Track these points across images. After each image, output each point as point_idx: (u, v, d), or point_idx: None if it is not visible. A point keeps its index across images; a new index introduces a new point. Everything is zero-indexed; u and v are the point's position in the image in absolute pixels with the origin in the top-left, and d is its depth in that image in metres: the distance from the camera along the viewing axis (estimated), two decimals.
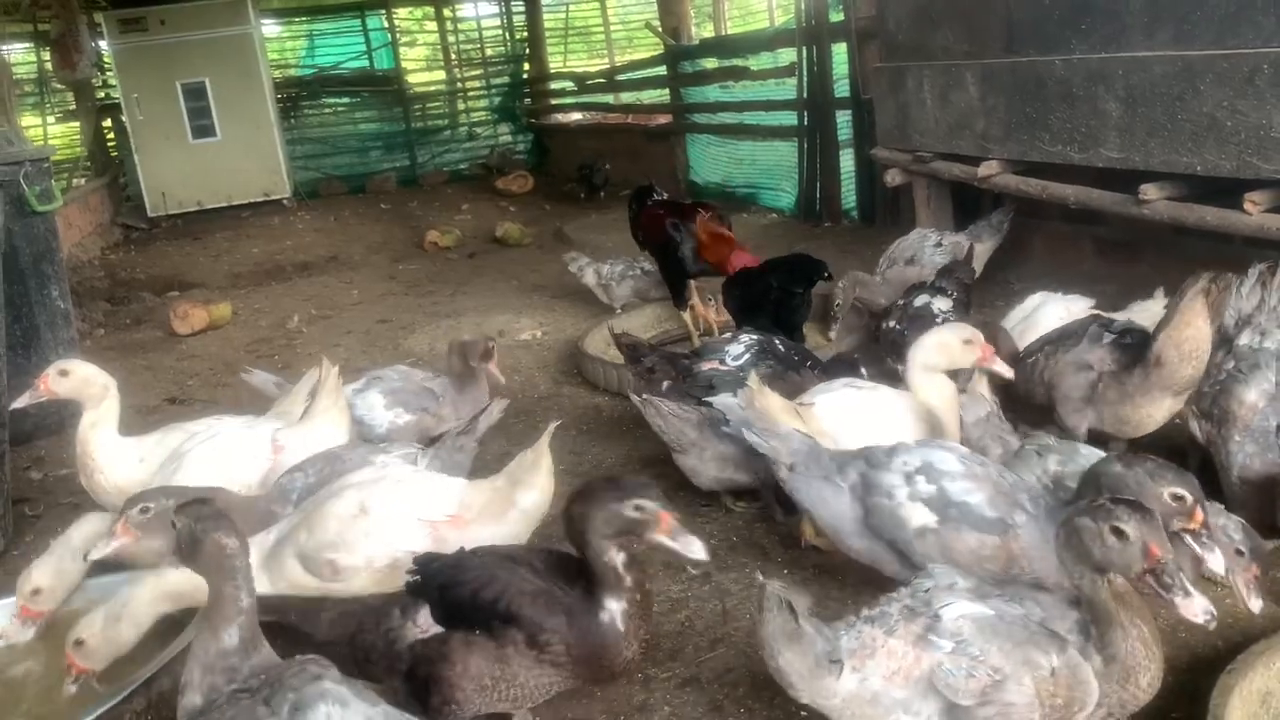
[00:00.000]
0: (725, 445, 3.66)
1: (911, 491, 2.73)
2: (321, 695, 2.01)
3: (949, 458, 2.77)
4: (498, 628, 2.37)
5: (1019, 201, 5.69)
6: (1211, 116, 4.06)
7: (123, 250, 12.13)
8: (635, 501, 2.32)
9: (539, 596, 2.38)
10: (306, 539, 2.84)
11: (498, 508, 2.92)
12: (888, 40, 6.76)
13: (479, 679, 2.38)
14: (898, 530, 2.74)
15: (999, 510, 2.65)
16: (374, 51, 17.42)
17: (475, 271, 9.02)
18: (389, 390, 4.27)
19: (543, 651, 2.36)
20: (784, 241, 8.31)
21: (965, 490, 2.68)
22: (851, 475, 2.86)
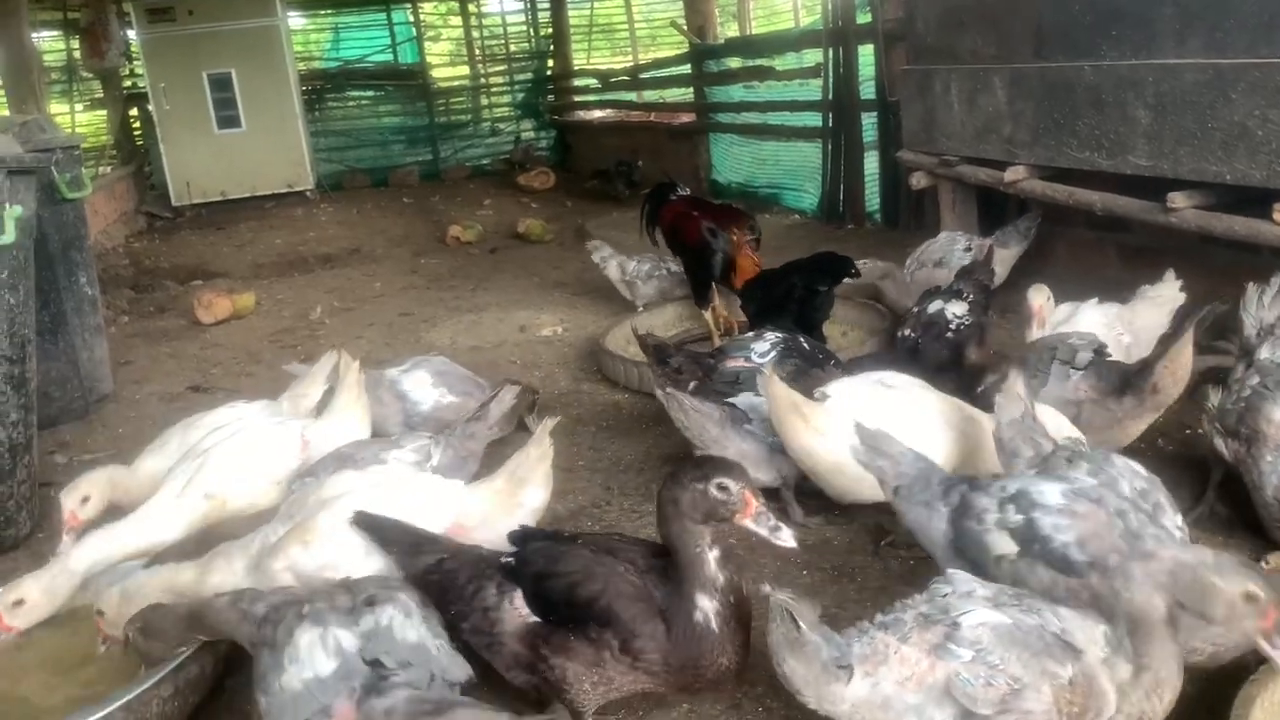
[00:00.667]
0: (747, 444, 3.66)
1: (1000, 519, 2.60)
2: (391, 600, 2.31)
3: (1051, 487, 2.59)
4: (594, 630, 2.32)
5: (1044, 207, 5.67)
6: (1243, 125, 4.04)
7: (147, 239, 12.22)
8: (718, 480, 2.26)
9: (637, 600, 2.31)
10: (301, 555, 2.77)
11: (502, 509, 2.92)
12: (915, 42, 6.74)
13: (579, 682, 2.36)
14: (979, 554, 2.62)
15: (1089, 553, 2.44)
16: (399, 45, 17.51)
17: (497, 267, 9.05)
18: (436, 371, 4.35)
19: (637, 659, 2.31)
20: (806, 243, 8.29)
21: (1055, 526, 2.51)
22: (954, 498, 2.73)
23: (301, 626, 2.22)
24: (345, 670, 2.13)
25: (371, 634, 2.22)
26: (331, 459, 3.35)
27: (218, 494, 3.24)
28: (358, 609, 2.27)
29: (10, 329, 4.00)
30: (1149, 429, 4.10)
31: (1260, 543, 3.26)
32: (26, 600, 2.91)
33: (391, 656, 2.18)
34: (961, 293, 4.39)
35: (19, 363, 4.06)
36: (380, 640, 2.21)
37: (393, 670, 2.16)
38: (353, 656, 2.17)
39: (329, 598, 2.31)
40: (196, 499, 3.22)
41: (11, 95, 11.94)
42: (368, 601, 2.29)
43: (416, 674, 2.17)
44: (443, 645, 2.32)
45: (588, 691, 2.38)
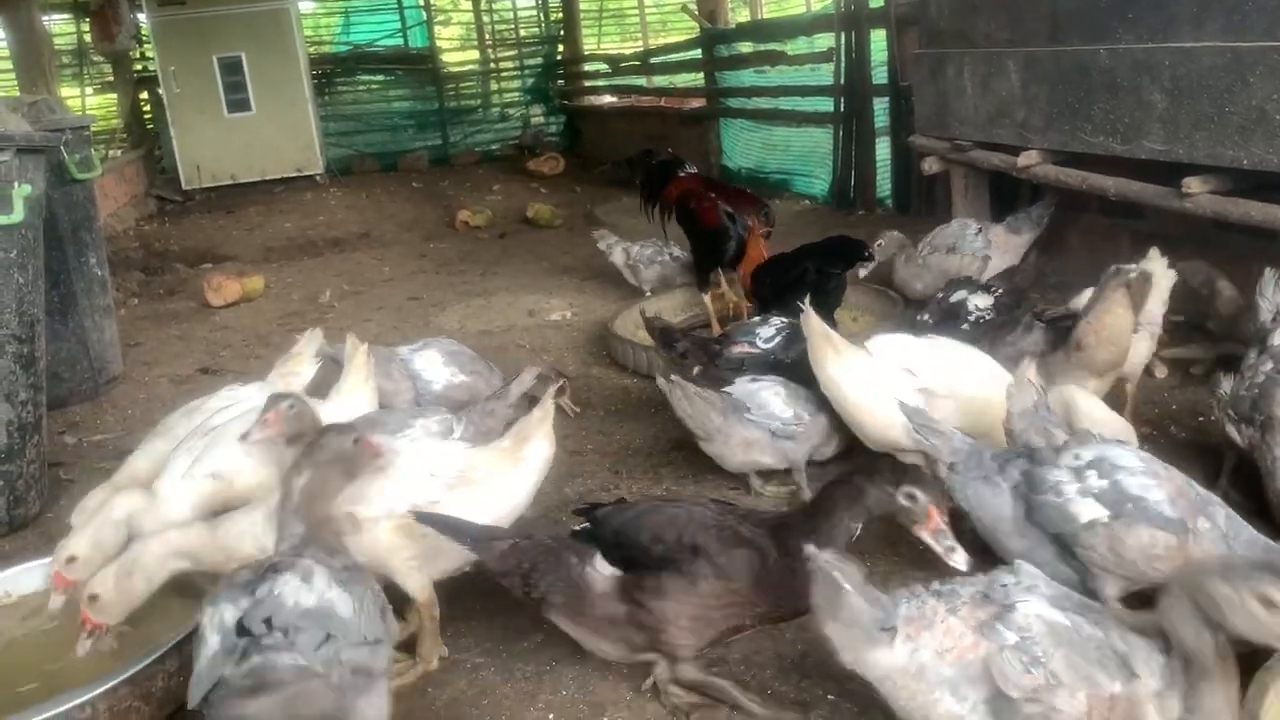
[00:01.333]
0: (750, 430, 3.66)
1: (1082, 487, 2.61)
2: (292, 566, 2.19)
3: (1126, 454, 2.65)
4: (686, 564, 2.39)
5: (1056, 193, 5.62)
6: (1261, 109, 3.99)
7: (157, 222, 12.23)
8: (908, 489, 2.32)
9: (720, 529, 2.41)
10: None
11: (508, 463, 2.98)
12: (928, 26, 6.68)
13: (677, 620, 2.40)
14: (1064, 524, 2.61)
15: (1179, 511, 2.51)
16: (409, 30, 17.45)
17: (506, 252, 9.04)
18: (446, 350, 4.36)
19: (730, 580, 2.37)
20: (817, 228, 8.24)
21: (1143, 486, 2.56)
22: (1013, 474, 2.74)
23: (202, 611, 2.19)
24: (228, 644, 2.05)
25: (256, 604, 2.11)
26: (364, 422, 3.36)
27: (224, 474, 3.23)
28: (255, 581, 2.17)
29: (19, 308, 4.00)
30: (1158, 414, 4.09)
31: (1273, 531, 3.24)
32: (78, 556, 2.93)
33: (274, 623, 2.06)
34: (991, 287, 4.37)
35: (28, 342, 4.06)
36: (261, 608, 2.10)
37: (264, 636, 2.04)
38: (229, 630, 2.10)
39: (234, 575, 2.24)
40: (202, 479, 3.21)
41: (22, 78, 11.95)
42: (270, 568, 2.19)
43: (306, 638, 2.05)
44: (361, 604, 2.20)
45: (686, 630, 2.42)
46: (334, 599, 2.15)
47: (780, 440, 3.66)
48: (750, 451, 3.71)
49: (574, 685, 2.79)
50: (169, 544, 2.81)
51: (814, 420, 3.68)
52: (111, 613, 2.76)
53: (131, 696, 2.45)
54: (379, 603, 2.30)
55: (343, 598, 2.17)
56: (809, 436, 3.69)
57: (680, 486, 3.96)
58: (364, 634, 2.14)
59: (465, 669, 2.91)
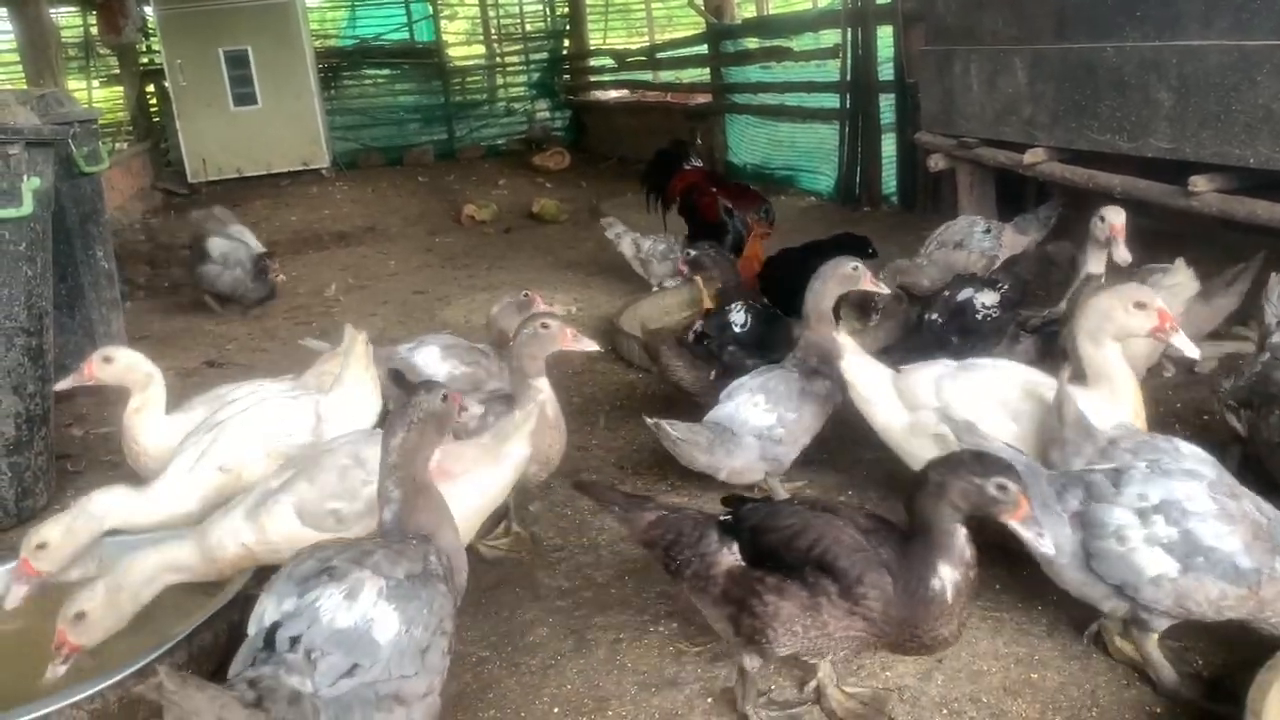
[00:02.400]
0: (737, 459, 3.63)
1: (1149, 535, 2.42)
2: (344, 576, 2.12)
3: (1196, 490, 2.44)
4: (810, 575, 2.36)
5: (1062, 191, 5.62)
6: (1267, 108, 3.99)
7: (163, 215, 12.25)
8: (998, 480, 2.25)
9: (857, 550, 2.35)
10: (308, 490, 2.85)
11: (488, 459, 3.00)
12: (935, 23, 6.67)
13: (789, 623, 2.39)
14: (1128, 576, 2.44)
15: (1255, 559, 2.35)
16: (415, 24, 17.44)
17: (511, 246, 9.04)
18: (444, 345, 4.39)
19: (856, 604, 2.32)
20: (822, 225, 8.25)
21: (1218, 535, 2.37)
22: (1071, 503, 2.57)
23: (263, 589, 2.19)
24: (255, 646, 2.02)
25: (293, 614, 2.05)
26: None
27: (232, 466, 3.24)
28: (310, 579, 2.12)
29: (28, 301, 4.01)
30: (1163, 412, 4.09)
31: None
32: (49, 543, 2.91)
33: (302, 642, 1.99)
34: (996, 283, 4.35)
35: (36, 335, 4.07)
36: (296, 621, 2.04)
37: (286, 651, 1.99)
38: (260, 633, 2.06)
39: (299, 561, 2.20)
40: (210, 471, 3.23)
41: (29, 71, 11.96)
42: (327, 570, 2.13)
43: (329, 664, 1.98)
44: (410, 625, 2.12)
45: (796, 634, 2.40)
46: (376, 619, 2.08)
47: (771, 447, 3.63)
48: (746, 475, 3.69)
49: (579, 679, 2.81)
50: (161, 559, 2.80)
51: (798, 416, 3.63)
52: (94, 633, 2.67)
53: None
54: (442, 612, 2.22)
55: (388, 618, 2.09)
56: (795, 435, 3.65)
57: (684, 484, 3.96)
58: (400, 665, 2.07)
59: (470, 662, 2.93)
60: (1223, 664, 2.68)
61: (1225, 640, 2.76)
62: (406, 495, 2.37)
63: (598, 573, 3.36)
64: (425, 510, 2.39)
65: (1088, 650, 2.75)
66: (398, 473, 2.38)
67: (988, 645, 2.81)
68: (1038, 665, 2.72)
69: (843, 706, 2.60)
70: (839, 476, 3.92)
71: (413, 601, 2.15)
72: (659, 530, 2.61)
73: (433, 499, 2.43)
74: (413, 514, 2.36)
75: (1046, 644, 2.80)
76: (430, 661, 2.16)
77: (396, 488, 2.37)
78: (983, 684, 2.65)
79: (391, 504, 2.36)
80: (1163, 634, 2.58)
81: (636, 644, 2.94)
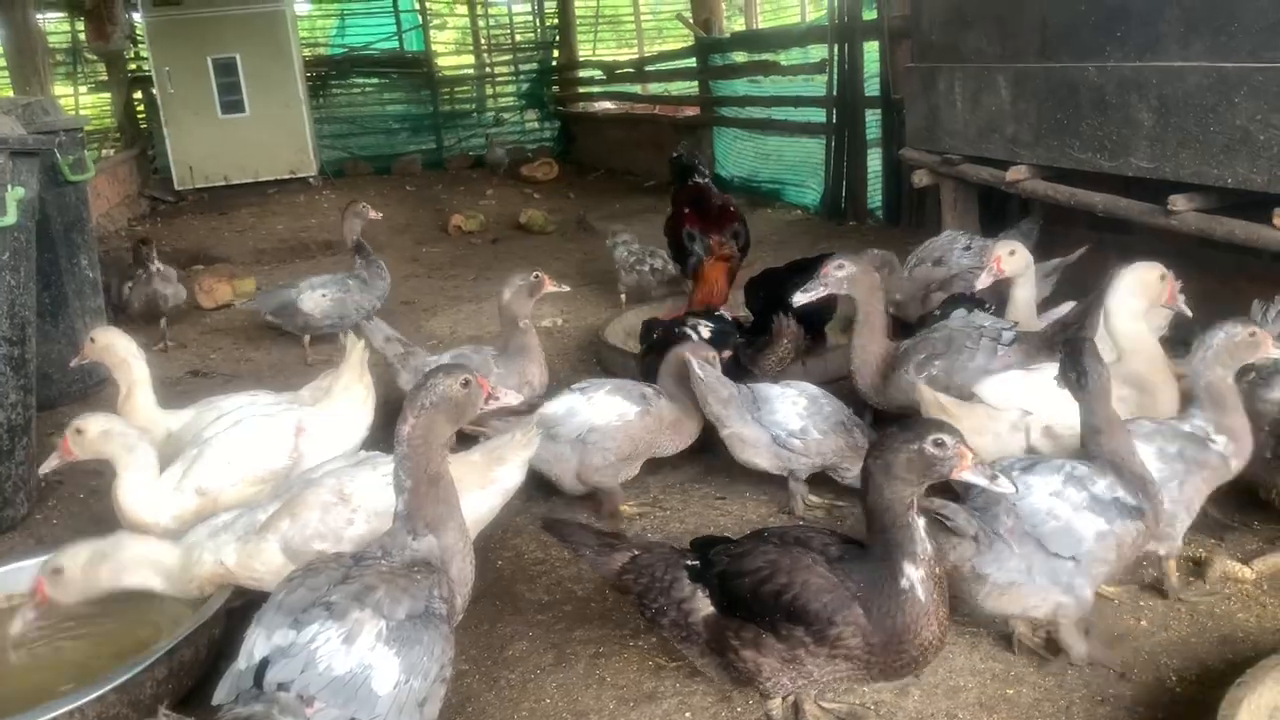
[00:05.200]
0: (748, 428, 3.73)
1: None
2: (343, 616, 2.06)
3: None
4: (782, 625, 2.30)
5: (1045, 208, 5.66)
6: (1245, 129, 4.03)
7: (149, 222, 12.22)
8: (934, 436, 2.21)
9: (827, 590, 2.27)
10: (290, 529, 2.82)
11: (475, 481, 2.95)
12: (920, 40, 6.72)
13: (774, 675, 2.36)
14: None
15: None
16: (404, 33, 17.47)
17: (498, 257, 9.05)
18: (457, 355, 4.39)
19: (834, 647, 2.27)
20: (808, 239, 8.31)
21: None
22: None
23: (253, 620, 2.13)
24: (244, 683, 1.95)
25: (287, 652, 1.97)
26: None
27: (210, 491, 3.26)
28: (306, 610, 2.05)
29: (10, 310, 4.00)
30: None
31: (1258, 542, 3.28)
32: (65, 572, 2.79)
33: (293, 688, 1.92)
34: (985, 303, 4.39)
35: (19, 344, 4.06)
36: (289, 663, 1.96)
37: (278, 690, 1.91)
38: (250, 669, 1.98)
39: (291, 586, 2.15)
40: (190, 494, 3.25)
41: (15, 76, 11.93)
42: (323, 606, 2.05)
43: (327, 717, 1.91)
44: (411, 672, 2.05)
45: (785, 685, 2.39)
46: (374, 665, 2.00)
47: (782, 450, 3.70)
48: (749, 453, 3.75)
49: (558, 693, 2.82)
50: (149, 551, 2.81)
51: (823, 440, 3.69)
52: (69, 592, 2.72)
53: (120, 704, 2.45)
54: (444, 657, 2.16)
55: (388, 664, 2.02)
56: (811, 453, 3.70)
57: (667, 496, 3.98)
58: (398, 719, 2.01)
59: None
60: (1196, 679, 2.71)
61: (1197, 656, 2.79)
62: (417, 485, 2.33)
63: (578, 586, 3.37)
64: (435, 502, 2.35)
65: (1063, 666, 2.77)
66: (408, 463, 2.33)
67: (964, 661, 2.82)
68: (1014, 681, 2.74)
69: None
70: None
71: (414, 647, 2.09)
72: (631, 575, 2.58)
73: (444, 491, 2.38)
74: (423, 505, 2.33)
75: (1022, 660, 2.82)
76: (428, 714, 2.11)
77: (408, 477, 2.34)
78: (959, 700, 2.67)
79: (403, 493, 2.34)
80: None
81: (616, 658, 2.95)
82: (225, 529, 2.87)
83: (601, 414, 3.77)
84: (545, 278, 4.42)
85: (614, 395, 3.82)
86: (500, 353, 4.38)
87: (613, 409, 3.78)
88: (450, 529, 2.38)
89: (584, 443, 3.73)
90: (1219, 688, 2.37)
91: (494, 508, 3.07)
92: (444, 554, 2.36)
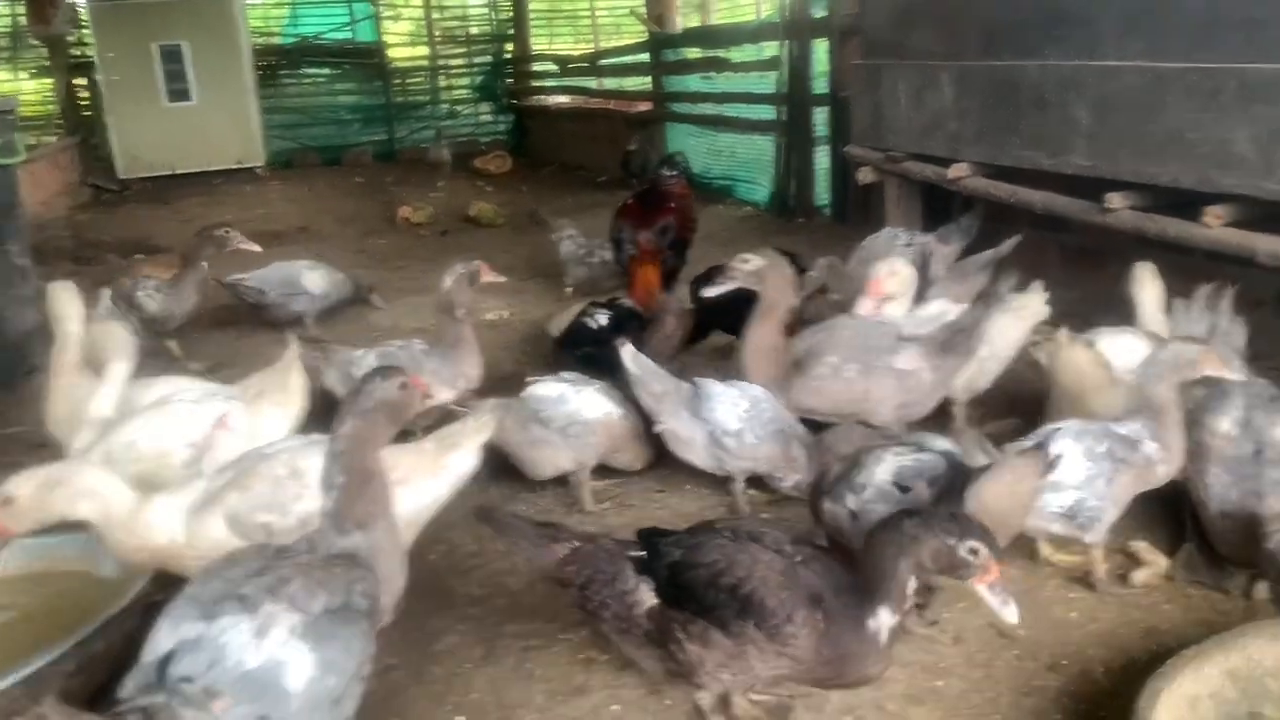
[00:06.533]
0: (682, 427, 3.70)
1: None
2: (255, 608, 1.99)
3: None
4: (735, 623, 2.27)
5: (987, 206, 5.71)
6: (1177, 129, 4.10)
7: (91, 211, 11.96)
8: (972, 544, 2.19)
9: (785, 588, 2.26)
10: (238, 500, 2.79)
11: (427, 469, 2.92)
12: (867, 38, 6.77)
13: (715, 670, 2.33)
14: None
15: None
16: (357, 23, 17.26)
17: (446, 249, 8.95)
18: (383, 353, 4.33)
19: (785, 645, 2.25)
20: (757, 235, 8.32)
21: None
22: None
23: (165, 607, 2.06)
24: (146, 674, 1.89)
25: (195, 645, 1.91)
26: None
27: (117, 460, 3.20)
28: (218, 602, 1.98)
29: None
30: None
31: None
32: (17, 500, 2.69)
33: (200, 681, 1.86)
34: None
35: None
36: (197, 655, 1.90)
37: (185, 683, 1.86)
38: (156, 661, 1.91)
39: (205, 578, 2.08)
40: (98, 457, 3.20)
41: None
42: (235, 599, 1.99)
43: (237, 715, 1.85)
44: (326, 669, 1.99)
45: (724, 680, 2.36)
46: (287, 661, 1.93)
47: (715, 448, 3.66)
48: (684, 450, 3.73)
49: (486, 688, 2.79)
50: (98, 488, 2.72)
51: (758, 446, 3.63)
52: (22, 522, 2.66)
53: (26, 698, 2.39)
54: (362, 655, 2.11)
55: (302, 660, 1.95)
56: (745, 457, 3.65)
57: (606, 489, 3.95)
58: (311, 718, 1.95)
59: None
60: (1120, 668, 2.74)
61: (1122, 647, 2.82)
62: (350, 483, 2.28)
63: (511, 579, 3.34)
64: (366, 501, 2.30)
65: (991, 658, 2.79)
66: (342, 460, 2.30)
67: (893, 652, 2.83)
68: (942, 673, 2.75)
69: (748, 714, 2.60)
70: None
71: (331, 643, 2.02)
72: (572, 567, 2.52)
73: (376, 489, 2.34)
74: (353, 503, 2.28)
75: (951, 651, 2.84)
76: (344, 713, 2.05)
77: (340, 474, 2.29)
78: (887, 691, 2.67)
79: (333, 490, 2.29)
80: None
81: (546, 652, 2.92)
82: (176, 500, 2.81)
83: (590, 407, 3.79)
84: (484, 265, 4.38)
85: (600, 394, 3.85)
86: (433, 346, 4.33)
87: (600, 405, 3.80)
88: (379, 528, 2.33)
89: (566, 433, 3.75)
90: (1143, 678, 2.38)
91: (443, 496, 3.02)
92: (372, 553, 2.30)
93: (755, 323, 3.93)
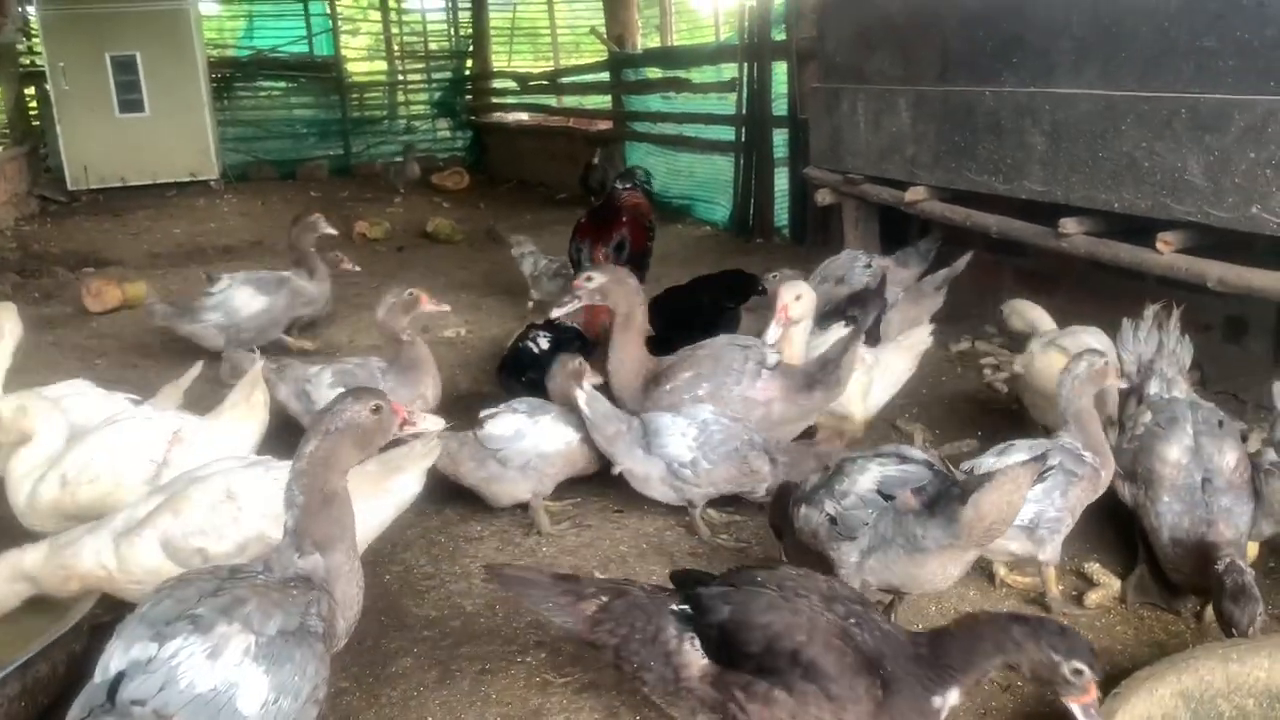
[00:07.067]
0: (639, 467, 3.68)
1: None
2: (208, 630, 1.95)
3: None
4: (799, 685, 2.18)
5: (944, 229, 5.78)
6: (1131, 156, 4.17)
7: (38, 222, 11.74)
8: (1077, 665, 2.12)
9: (846, 654, 2.18)
10: (172, 523, 2.72)
11: (369, 491, 2.86)
12: (826, 61, 6.82)
13: None
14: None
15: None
16: (315, 37, 17.13)
17: (402, 265, 8.90)
18: (339, 370, 4.27)
19: (845, 709, 2.16)
20: (715, 255, 8.35)
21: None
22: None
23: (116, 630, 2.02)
24: (94, 696, 1.86)
25: (146, 667, 1.88)
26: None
27: (70, 483, 3.12)
28: (171, 624, 1.95)
29: None
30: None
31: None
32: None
33: (152, 705, 1.84)
34: (855, 319, 4.41)
35: None
36: (147, 679, 1.86)
37: (136, 706, 1.84)
38: (105, 683, 1.89)
39: (158, 598, 2.04)
40: (53, 482, 3.11)
41: None
42: (188, 619, 1.95)
43: None
44: (280, 690, 1.96)
45: None
46: (240, 683, 1.91)
47: (674, 479, 3.64)
48: (639, 484, 3.71)
49: (441, 711, 2.74)
50: (9, 567, 2.66)
51: (714, 470, 3.61)
52: None
53: None
54: (317, 677, 2.06)
55: (256, 682, 1.93)
56: (704, 484, 3.64)
57: (565, 510, 3.92)
58: None
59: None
60: None
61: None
62: (310, 503, 2.23)
63: (467, 601, 3.29)
64: (327, 522, 2.25)
65: None
66: (304, 480, 2.24)
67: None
68: None
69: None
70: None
71: (285, 665, 1.98)
72: (606, 626, 2.39)
73: (337, 511, 2.28)
74: (314, 523, 2.23)
75: None
76: None
77: (302, 494, 2.24)
78: None
79: (294, 509, 2.24)
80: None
81: (503, 675, 2.88)
82: (103, 526, 2.74)
83: (549, 440, 3.75)
84: (422, 295, 4.32)
85: (558, 422, 3.80)
86: (390, 365, 4.27)
87: (559, 435, 3.77)
88: (339, 550, 2.28)
89: (526, 469, 3.71)
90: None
91: (386, 520, 2.97)
92: (330, 575, 2.25)
93: (616, 335, 4.03)
